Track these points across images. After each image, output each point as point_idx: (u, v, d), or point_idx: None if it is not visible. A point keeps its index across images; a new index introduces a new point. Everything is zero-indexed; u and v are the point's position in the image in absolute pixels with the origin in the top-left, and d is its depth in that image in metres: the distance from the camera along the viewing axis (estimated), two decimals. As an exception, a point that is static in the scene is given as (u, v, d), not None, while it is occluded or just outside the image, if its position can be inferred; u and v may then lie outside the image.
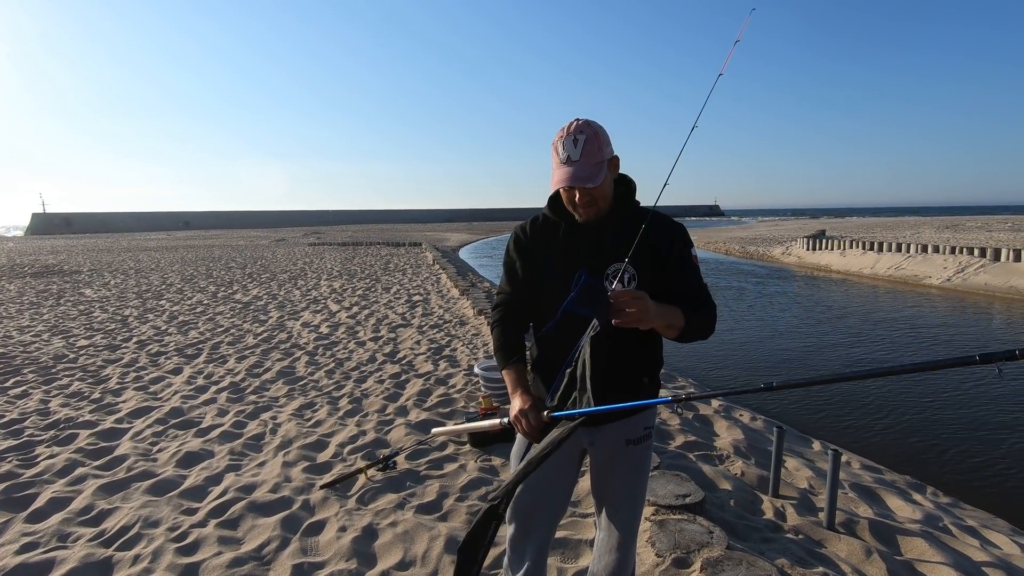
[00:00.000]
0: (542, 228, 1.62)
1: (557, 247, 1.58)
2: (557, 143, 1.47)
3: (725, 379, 6.75)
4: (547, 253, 1.59)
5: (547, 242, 1.60)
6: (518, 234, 1.66)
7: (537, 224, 1.64)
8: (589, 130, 1.45)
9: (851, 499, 3.31)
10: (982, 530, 3.28)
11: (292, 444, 3.66)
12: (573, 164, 1.43)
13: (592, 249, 1.54)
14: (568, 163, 1.44)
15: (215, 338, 6.86)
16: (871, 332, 9.36)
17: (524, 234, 1.64)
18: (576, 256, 1.55)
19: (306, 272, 14.85)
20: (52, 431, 3.89)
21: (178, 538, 2.61)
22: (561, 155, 1.45)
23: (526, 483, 1.65)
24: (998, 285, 13.51)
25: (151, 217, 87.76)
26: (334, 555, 2.49)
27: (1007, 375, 6.58)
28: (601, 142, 1.46)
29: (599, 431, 1.62)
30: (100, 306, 9.44)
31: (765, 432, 4.35)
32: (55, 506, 2.90)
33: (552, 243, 1.59)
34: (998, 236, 23.33)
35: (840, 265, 19.05)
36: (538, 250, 1.61)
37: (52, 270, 16.17)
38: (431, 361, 5.72)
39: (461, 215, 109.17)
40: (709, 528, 2.49)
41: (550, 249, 1.59)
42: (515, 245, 1.65)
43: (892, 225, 39.91)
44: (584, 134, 1.44)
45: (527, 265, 1.63)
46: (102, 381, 5.10)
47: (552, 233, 1.60)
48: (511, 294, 1.68)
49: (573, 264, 1.53)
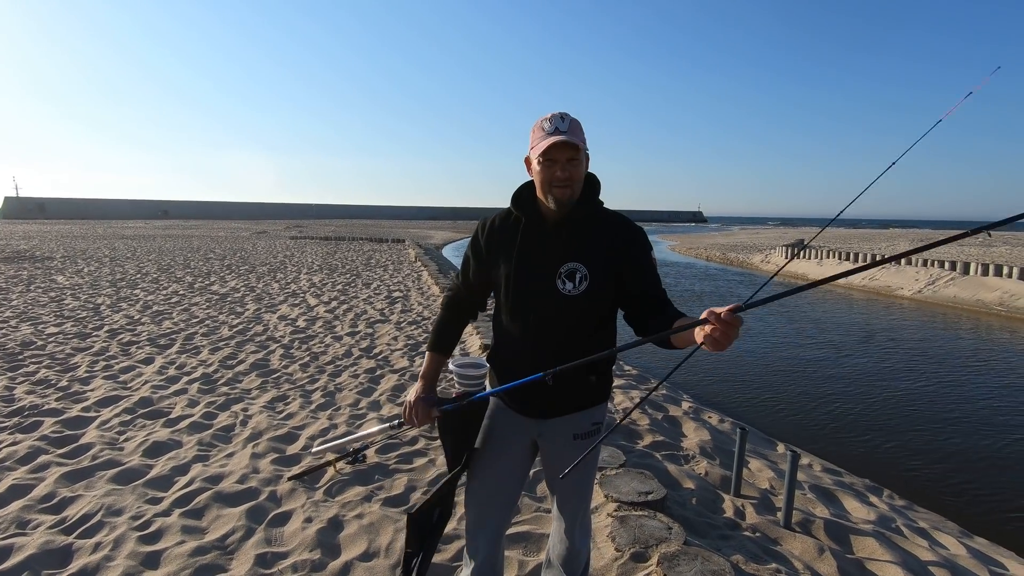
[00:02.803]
0: (504, 221, 1.65)
1: (521, 243, 1.60)
2: (542, 123, 1.49)
3: (694, 383, 6.87)
4: (506, 247, 1.62)
5: (508, 236, 1.63)
6: (481, 224, 1.70)
7: (501, 217, 1.67)
8: (571, 116, 1.51)
9: (809, 500, 3.41)
10: (932, 532, 3.41)
11: (262, 436, 3.65)
12: (562, 133, 1.46)
13: (549, 247, 1.57)
14: (556, 133, 1.46)
15: (189, 329, 6.78)
16: (837, 341, 9.58)
17: (486, 225, 1.68)
18: (533, 253, 1.58)
19: (286, 265, 14.72)
20: (16, 418, 3.83)
21: (141, 527, 2.59)
22: (548, 128, 1.47)
23: (480, 476, 1.70)
24: (966, 298, 13.91)
25: (129, 205, 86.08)
26: (298, 545, 2.50)
27: (973, 386, 6.74)
28: (582, 129, 1.52)
29: (546, 424, 1.65)
30: (72, 293, 9.26)
31: (732, 434, 4.44)
32: (16, 493, 2.86)
33: (517, 238, 1.61)
34: (968, 250, 23.99)
35: (817, 274, 19.43)
36: (498, 242, 1.64)
37: (23, 256, 15.79)
38: (407, 357, 5.73)
39: (447, 213, 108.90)
40: (668, 524, 2.56)
41: (510, 243, 1.62)
42: (480, 235, 1.68)
43: (869, 236, 40.79)
44: (569, 117, 1.50)
45: (484, 255, 1.67)
46: (70, 369, 5.02)
47: (518, 229, 1.61)
48: (461, 283, 1.76)
49: (529, 260, 1.58)
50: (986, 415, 6.01)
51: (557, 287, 1.54)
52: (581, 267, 1.54)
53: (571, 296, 1.54)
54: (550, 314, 1.56)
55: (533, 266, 1.57)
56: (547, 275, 1.56)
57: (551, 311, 1.56)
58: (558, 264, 1.55)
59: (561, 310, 1.55)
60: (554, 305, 1.55)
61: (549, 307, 1.56)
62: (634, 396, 4.80)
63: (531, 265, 1.58)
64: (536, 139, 1.50)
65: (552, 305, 1.56)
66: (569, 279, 1.54)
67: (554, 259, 1.56)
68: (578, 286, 1.54)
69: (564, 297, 1.54)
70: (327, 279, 11.99)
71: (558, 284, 1.54)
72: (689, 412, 4.73)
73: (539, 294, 1.57)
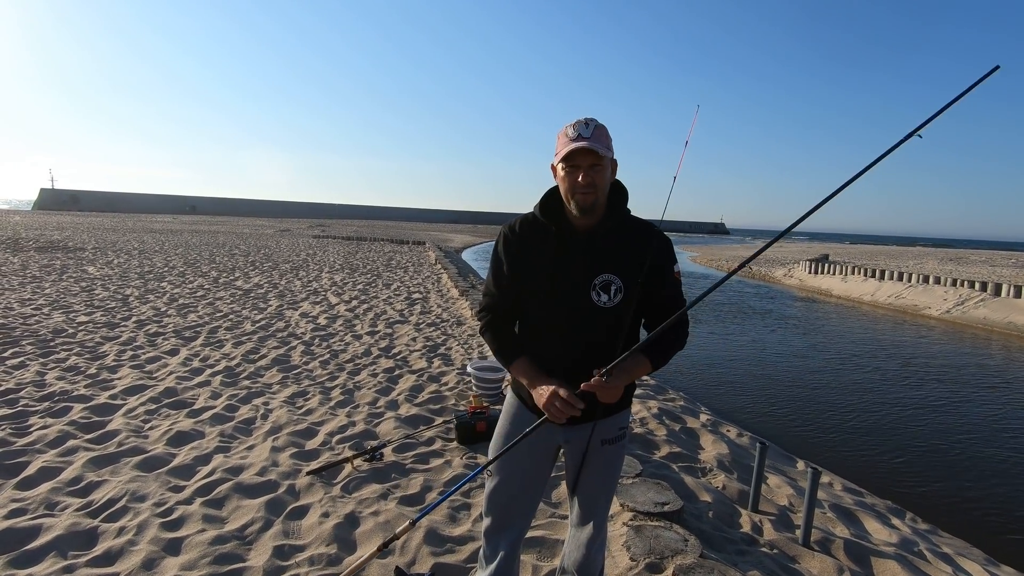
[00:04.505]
0: (532, 230, 1.60)
1: (547, 253, 1.57)
2: (566, 129, 1.50)
3: (712, 396, 6.79)
4: (537, 258, 1.58)
5: (537, 246, 1.59)
6: (507, 234, 1.63)
7: (527, 225, 1.62)
8: (597, 122, 1.50)
9: (829, 519, 3.34)
10: (956, 558, 3.31)
11: (282, 430, 3.71)
12: (586, 140, 1.46)
13: (582, 258, 1.55)
14: (579, 139, 1.46)
15: (213, 322, 6.92)
16: (862, 359, 9.39)
17: (513, 234, 1.62)
18: (566, 264, 1.56)
19: (308, 263, 14.93)
20: (47, 403, 3.94)
21: (163, 513, 2.65)
22: (572, 134, 1.48)
23: (503, 477, 1.70)
24: (997, 320, 13.54)
25: (158, 199, 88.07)
26: (315, 539, 2.53)
27: (1001, 409, 6.55)
28: (608, 135, 1.51)
29: (575, 430, 1.64)
30: (102, 284, 9.51)
31: (750, 448, 4.38)
32: (45, 475, 2.95)
33: (543, 248, 1.58)
34: (1001, 271, 23.35)
35: (841, 290, 19.09)
36: (527, 253, 1.60)
37: (57, 246, 16.26)
38: (425, 358, 5.76)
39: (467, 217, 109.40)
40: (685, 536, 2.53)
41: (540, 254, 1.58)
42: (504, 245, 1.63)
43: (896, 254, 39.94)
44: (594, 123, 1.49)
45: (515, 267, 1.61)
46: (99, 357, 5.15)
47: (542, 238, 1.59)
48: (498, 296, 1.65)
49: (562, 272, 1.55)
50: (1017, 442, 5.83)
51: (592, 299, 1.53)
52: (616, 279, 1.53)
53: (606, 308, 1.53)
54: (584, 325, 1.55)
55: (567, 278, 1.55)
56: (581, 287, 1.53)
57: (585, 322, 1.55)
58: (592, 275, 1.53)
59: (595, 322, 1.54)
60: (590, 317, 1.54)
61: (584, 319, 1.54)
62: (652, 406, 4.76)
63: (565, 277, 1.55)
64: (561, 145, 1.50)
65: (587, 317, 1.54)
66: (604, 291, 1.53)
67: (588, 270, 1.54)
68: (613, 298, 1.53)
69: (599, 309, 1.53)
70: (348, 278, 12.12)
71: (593, 296, 1.53)
72: (707, 425, 4.68)
73: (573, 306, 1.55)
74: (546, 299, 1.57)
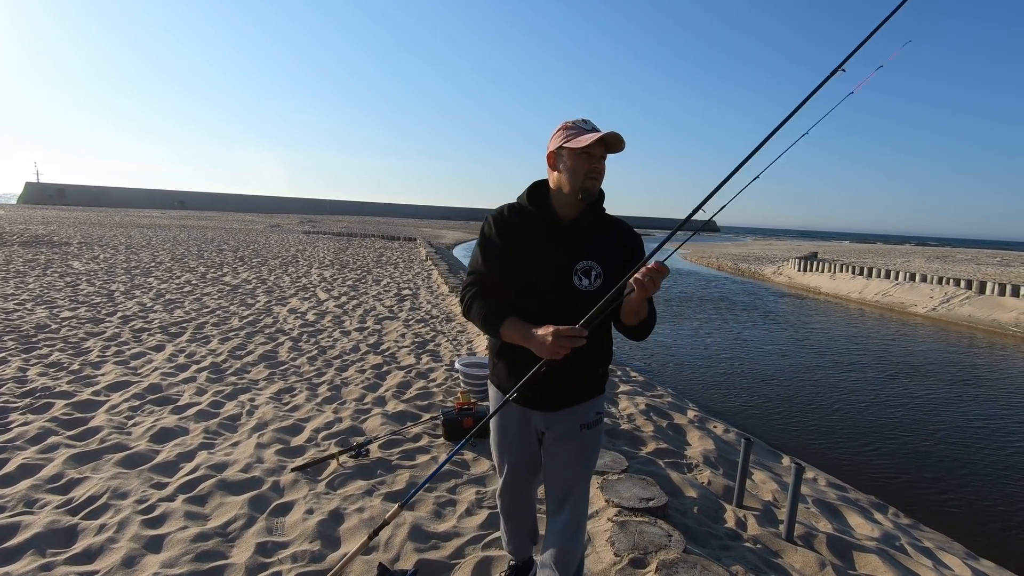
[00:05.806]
0: (520, 216, 1.66)
1: (537, 239, 1.63)
2: (575, 122, 1.55)
3: (700, 393, 6.83)
4: (524, 241, 1.64)
5: (527, 231, 1.65)
6: (496, 216, 1.68)
7: (515, 211, 1.67)
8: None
9: (813, 514, 3.38)
10: (937, 552, 3.36)
11: (268, 427, 3.68)
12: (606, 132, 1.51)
13: (565, 244, 1.63)
14: (594, 130, 1.53)
15: (200, 318, 6.86)
16: (847, 356, 9.48)
17: (503, 217, 1.67)
18: (551, 250, 1.62)
19: (298, 259, 14.83)
20: (28, 399, 3.89)
21: (145, 510, 2.63)
22: (585, 126, 1.54)
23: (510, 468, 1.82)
24: (981, 318, 13.72)
25: (146, 194, 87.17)
26: (298, 536, 2.52)
27: (983, 406, 6.66)
28: None
29: (555, 416, 1.69)
30: (87, 279, 9.39)
31: (736, 444, 4.41)
32: (25, 472, 2.91)
33: (532, 233, 1.64)
34: (986, 269, 23.65)
35: (829, 288, 19.26)
36: (517, 236, 1.65)
37: (41, 240, 16.05)
38: (414, 355, 5.75)
39: (459, 214, 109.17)
40: (669, 531, 2.54)
41: (529, 239, 1.64)
42: (495, 227, 1.66)
43: (884, 252, 40.36)
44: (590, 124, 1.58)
45: (505, 248, 1.65)
46: (82, 353, 5.09)
47: (532, 224, 1.65)
48: (487, 274, 1.66)
49: (551, 257, 1.62)
50: (998, 437, 5.92)
51: (574, 283, 1.59)
52: (596, 265, 1.60)
53: (587, 292, 1.59)
54: (566, 309, 1.58)
55: (550, 261, 1.61)
56: (564, 271, 1.60)
57: (567, 306, 1.58)
58: (574, 261, 1.60)
59: (576, 305, 1.57)
60: (571, 300, 1.59)
61: (565, 302, 1.59)
62: (639, 402, 4.78)
63: (548, 260, 1.62)
64: (571, 135, 1.54)
65: (568, 300, 1.59)
66: (585, 276, 1.59)
67: (570, 256, 1.61)
68: (593, 283, 1.59)
69: (581, 293, 1.59)
70: (338, 274, 12.06)
71: (575, 280, 1.59)
72: (694, 421, 4.71)
73: (556, 289, 1.61)
74: (530, 281, 1.63)
